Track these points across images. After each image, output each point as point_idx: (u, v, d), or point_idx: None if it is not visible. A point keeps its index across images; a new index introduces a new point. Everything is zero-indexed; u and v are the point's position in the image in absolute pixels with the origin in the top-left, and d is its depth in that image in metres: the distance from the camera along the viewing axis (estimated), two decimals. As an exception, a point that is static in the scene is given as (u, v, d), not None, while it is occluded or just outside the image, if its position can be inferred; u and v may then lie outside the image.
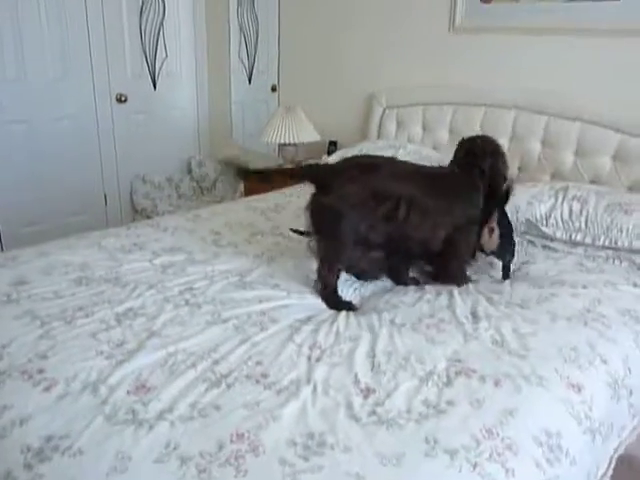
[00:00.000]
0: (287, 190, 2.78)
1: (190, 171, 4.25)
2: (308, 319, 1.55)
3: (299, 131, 3.19)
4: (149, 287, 1.66)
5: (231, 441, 1.06)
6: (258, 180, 3.37)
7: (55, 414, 1.11)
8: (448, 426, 1.12)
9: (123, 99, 3.68)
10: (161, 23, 3.77)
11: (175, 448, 1.03)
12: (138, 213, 3.91)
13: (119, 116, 3.70)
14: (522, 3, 2.54)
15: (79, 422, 1.09)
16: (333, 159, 2.80)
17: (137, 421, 1.10)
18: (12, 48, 3.10)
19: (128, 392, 1.18)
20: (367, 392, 1.23)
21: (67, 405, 1.14)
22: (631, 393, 1.42)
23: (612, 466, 1.40)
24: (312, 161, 2.61)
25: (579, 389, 1.28)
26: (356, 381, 1.26)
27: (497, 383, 1.26)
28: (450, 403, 1.20)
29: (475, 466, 1.03)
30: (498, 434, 1.11)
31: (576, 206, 2.04)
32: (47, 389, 1.18)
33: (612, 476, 1.44)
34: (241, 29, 3.83)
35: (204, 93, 4.15)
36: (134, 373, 1.24)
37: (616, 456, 1.41)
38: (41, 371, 1.24)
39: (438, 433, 1.10)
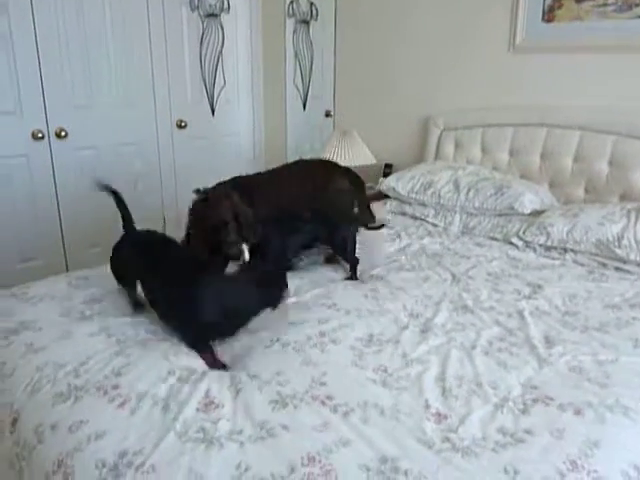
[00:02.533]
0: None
1: (245, 195, 4.32)
2: (369, 339, 1.52)
3: (355, 154, 3.20)
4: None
5: (302, 464, 1.04)
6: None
7: (128, 430, 1.12)
8: (528, 456, 1.07)
9: (183, 125, 3.80)
10: (220, 52, 3.90)
11: (247, 469, 1.02)
12: (195, 236, 3.99)
13: (179, 141, 3.82)
14: (586, 21, 2.49)
15: (151, 438, 1.09)
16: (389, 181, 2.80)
17: (207, 440, 1.09)
18: (81, 75, 3.26)
19: (197, 410, 1.18)
20: (439, 418, 1.19)
21: (140, 421, 1.15)
22: None
23: None
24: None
25: (669, 422, 1.19)
26: (427, 406, 1.23)
27: (578, 412, 1.20)
28: (529, 432, 1.14)
29: (561, 501, 0.97)
30: (584, 467, 1.04)
31: (651, 227, 1.95)
32: (121, 405, 1.19)
33: None
34: (296, 55, 3.91)
35: (260, 119, 4.24)
36: (202, 391, 1.25)
37: None
38: (116, 387, 1.25)
39: (518, 464, 1.05)
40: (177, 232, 3.87)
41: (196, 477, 1.00)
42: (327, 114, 3.83)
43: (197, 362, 1.40)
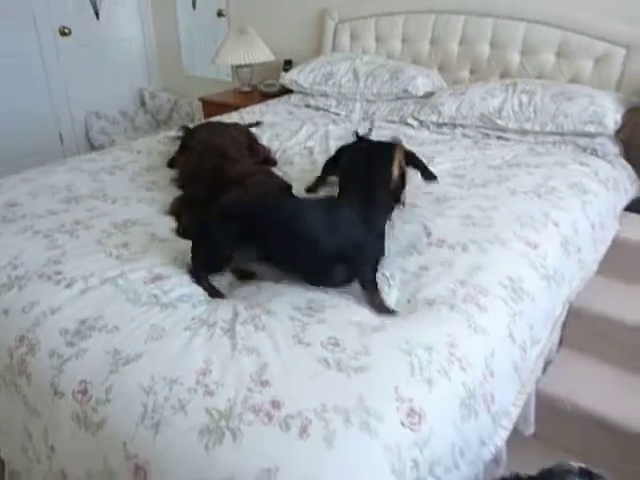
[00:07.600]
0: (245, 110, 2.84)
1: (144, 104, 4.19)
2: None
3: (253, 52, 3.20)
4: (139, 201, 1.75)
5: (246, 309, 1.21)
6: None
7: (83, 304, 1.23)
8: (425, 282, 1.30)
9: (67, 32, 3.56)
10: (98, -54, 3.61)
11: (200, 320, 1.18)
12: (96, 149, 3.87)
13: (65, 50, 3.60)
14: None
15: (107, 307, 1.21)
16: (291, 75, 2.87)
17: (161, 304, 1.23)
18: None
19: (145, 282, 1.30)
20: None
21: (92, 296, 1.25)
22: (579, 250, 1.64)
23: (566, 308, 1.63)
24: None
25: (535, 246, 1.48)
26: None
27: (465, 248, 1.44)
28: (424, 268, 1.37)
29: (453, 308, 1.22)
30: (469, 283, 1.30)
31: (525, 98, 2.20)
32: (69, 286, 1.28)
33: (565, 322, 1.69)
34: (182, -51, 3.71)
35: (149, 21, 4.04)
36: (146, 267, 1.35)
37: (568, 301, 1.64)
38: (58, 273, 1.33)
39: (417, 292, 1.28)
40: (77, 149, 3.77)
41: (157, 328, 1.14)
42: (219, 13, 3.72)
43: (131, 240, 1.49)
